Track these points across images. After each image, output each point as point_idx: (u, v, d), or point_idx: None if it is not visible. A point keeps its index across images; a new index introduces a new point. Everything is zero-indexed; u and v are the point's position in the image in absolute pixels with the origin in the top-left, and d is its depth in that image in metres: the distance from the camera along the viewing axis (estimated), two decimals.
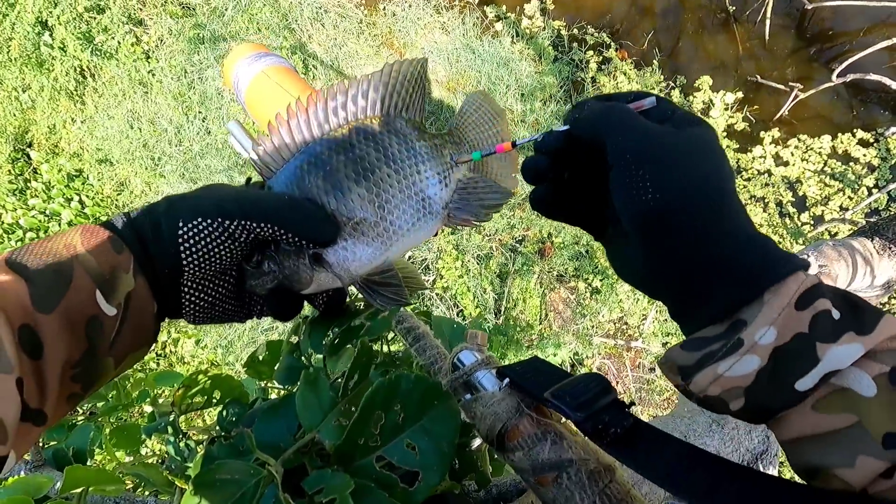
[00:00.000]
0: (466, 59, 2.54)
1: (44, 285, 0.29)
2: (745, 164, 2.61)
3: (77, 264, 0.30)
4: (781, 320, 0.26)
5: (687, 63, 2.74)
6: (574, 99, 2.59)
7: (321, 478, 0.27)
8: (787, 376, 0.26)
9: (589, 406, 0.31)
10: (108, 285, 0.31)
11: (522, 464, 0.32)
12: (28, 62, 2.47)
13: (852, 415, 0.24)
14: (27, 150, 2.52)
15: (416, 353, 0.42)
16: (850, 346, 0.25)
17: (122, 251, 0.33)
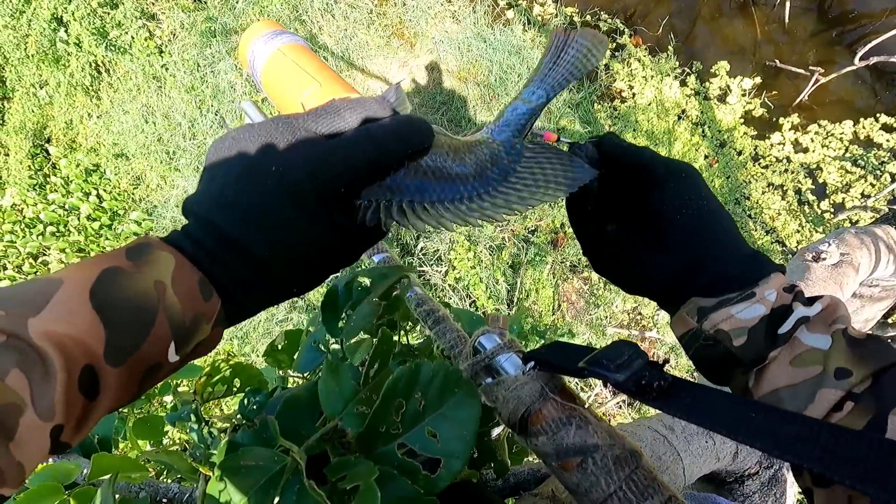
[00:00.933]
0: (478, 48, 2.51)
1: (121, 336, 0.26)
2: (763, 151, 2.55)
3: (161, 311, 0.27)
4: (779, 291, 0.34)
5: (703, 48, 2.68)
6: (587, 88, 2.56)
7: (344, 465, 0.27)
8: (775, 324, 0.34)
9: (627, 367, 0.32)
10: (184, 336, 0.28)
11: (546, 448, 0.32)
12: (45, 58, 2.50)
13: (818, 366, 0.32)
14: (46, 146, 2.56)
15: (436, 336, 0.42)
16: (814, 306, 0.34)
17: (211, 297, 0.29)
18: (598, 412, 1.80)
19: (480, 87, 2.51)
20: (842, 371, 0.31)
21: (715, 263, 0.36)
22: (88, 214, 2.43)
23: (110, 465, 0.36)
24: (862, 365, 0.31)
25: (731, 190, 2.52)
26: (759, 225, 2.49)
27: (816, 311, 0.34)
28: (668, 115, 2.56)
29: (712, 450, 0.63)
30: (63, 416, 0.24)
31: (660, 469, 0.54)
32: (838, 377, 0.31)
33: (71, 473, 0.39)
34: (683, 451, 0.59)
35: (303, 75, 0.83)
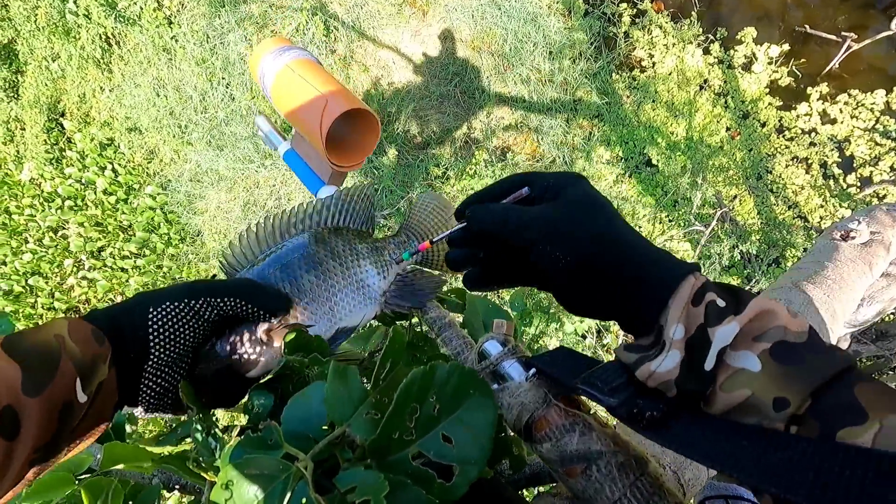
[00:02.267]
0: (492, 15, 2.43)
1: (34, 370, 0.30)
2: (788, 122, 2.46)
3: (64, 353, 0.32)
4: (685, 317, 0.32)
5: (728, 14, 2.56)
6: (605, 56, 2.47)
7: (353, 476, 0.27)
8: (698, 361, 0.31)
9: (621, 390, 0.31)
10: (87, 374, 0.33)
11: (550, 455, 0.32)
12: (55, 30, 2.49)
13: (746, 389, 0.30)
14: (60, 120, 2.57)
15: (441, 343, 0.42)
16: (730, 326, 0.31)
17: (103, 343, 0.35)
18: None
19: (494, 56, 2.43)
20: (779, 401, 0.29)
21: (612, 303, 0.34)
22: (105, 188, 2.45)
23: (122, 454, 0.37)
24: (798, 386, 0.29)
25: (753, 164, 2.44)
26: (781, 200, 2.42)
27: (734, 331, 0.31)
28: (689, 84, 2.47)
29: None
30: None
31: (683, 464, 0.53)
32: (777, 408, 0.29)
33: (82, 464, 0.41)
34: None
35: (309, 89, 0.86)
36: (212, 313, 0.40)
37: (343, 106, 0.83)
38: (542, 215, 0.36)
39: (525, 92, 2.43)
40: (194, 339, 0.40)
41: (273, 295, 0.44)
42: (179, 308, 0.38)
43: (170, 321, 0.38)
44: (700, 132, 2.44)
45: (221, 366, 0.41)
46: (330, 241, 0.50)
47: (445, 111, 2.44)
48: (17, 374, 0.30)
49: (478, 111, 2.43)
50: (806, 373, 0.29)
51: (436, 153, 2.41)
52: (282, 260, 0.47)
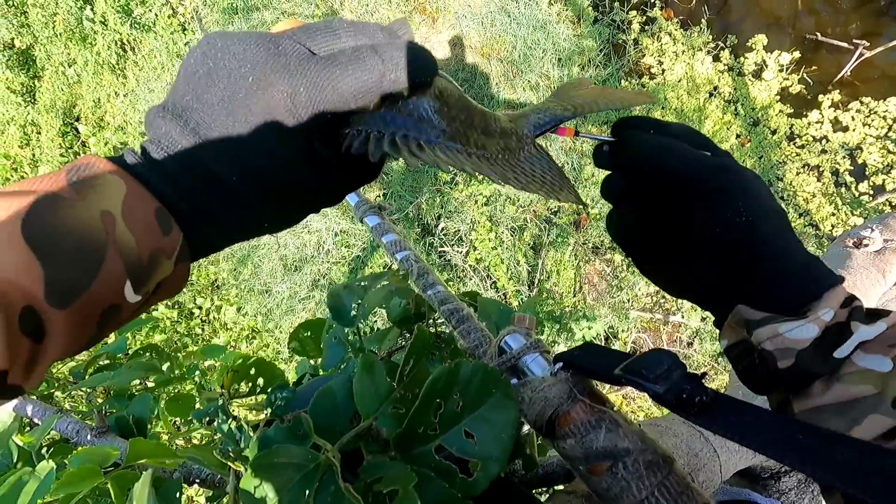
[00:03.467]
0: (501, 22, 2.44)
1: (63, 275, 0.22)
2: (799, 130, 2.45)
3: (111, 247, 0.23)
4: (836, 309, 0.31)
5: (738, 21, 2.56)
6: (614, 63, 2.47)
7: (380, 466, 0.27)
8: (830, 346, 0.31)
9: (666, 378, 0.31)
10: (141, 275, 0.24)
11: (574, 451, 0.32)
12: (72, 37, 2.53)
13: (873, 387, 0.29)
14: (75, 124, 2.61)
15: (459, 335, 0.42)
16: (877, 325, 0.31)
17: (171, 231, 0.25)
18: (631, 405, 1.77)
19: (504, 63, 2.45)
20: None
21: (765, 275, 0.32)
22: None
23: (145, 450, 0.38)
24: None
25: (763, 171, 2.43)
26: (791, 207, 2.41)
27: (879, 330, 0.30)
28: (698, 91, 2.47)
29: None
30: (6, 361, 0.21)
31: (696, 466, 0.53)
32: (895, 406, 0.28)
33: (109, 457, 0.41)
34: (720, 447, 0.58)
35: None
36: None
37: None
38: (723, 164, 0.34)
39: (534, 98, 2.43)
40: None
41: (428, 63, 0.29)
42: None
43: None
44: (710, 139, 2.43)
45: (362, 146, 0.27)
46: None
47: None
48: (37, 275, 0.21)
49: None
50: None
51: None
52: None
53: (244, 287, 2.40)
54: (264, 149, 0.25)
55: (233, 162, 0.25)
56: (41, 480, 0.38)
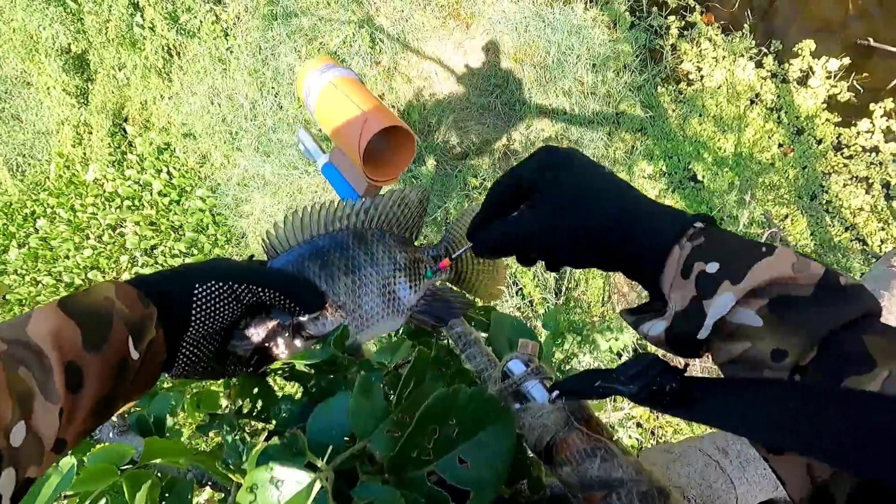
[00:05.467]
0: (535, 27, 2.43)
1: (91, 329, 0.33)
2: (847, 139, 2.33)
3: (115, 313, 0.34)
4: (677, 292, 0.34)
5: (784, 26, 2.46)
6: (650, 68, 2.42)
7: (371, 490, 0.28)
8: (689, 331, 0.33)
9: (640, 377, 0.32)
10: (137, 333, 0.35)
11: (570, 479, 0.31)
12: (123, 42, 2.66)
13: (747, 342, 0.31)
14: (124, 125, 2.74)
15: (466, 359, 0.42)
16: (725, 297, 0.32)
17: (149, 306, 0.37)
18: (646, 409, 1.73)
19: (537, 68, 2.43)
20: (777, 353, 0.30)
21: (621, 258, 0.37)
22: (160, 190, 2.59)
23: (161, 449, 0.40)
24: (799, 338, 0.29)
25: (806, 182, 2.33)
26: (837, 221, 2.29)
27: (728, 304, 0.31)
28: (739, 99, 2.38)
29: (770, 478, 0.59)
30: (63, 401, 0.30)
31: (710, 498, 0.51)
32: (775, 359, 0.30)
33: (125, 455, 0.43)
34: (738, 479, 0.55)
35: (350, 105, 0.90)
36: (251, 299, 0.41)
37: (382, 123, 0.86)
38: (537, 226, 0.39)
39: (567, 104, 2.41)
40: (231, 317, 0.41)
41: (312, 293, 0.45)
42: (223, 289, 0.40)
43: (212, 300, 0.40)
44: (750, 148, 2.35)
45: (251, 347, 0.43)
46: (371, 245, 0.49)
47: (485, 122, 2.45)
48: (77, 333, 0.32)
49: (518, 123, 2.43)
50: (807, 325, 0.29)
51: (474, 164, 2.42)
52: (322, 255, 0.47)
53: None
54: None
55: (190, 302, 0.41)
56: (63, 475, 0.40)
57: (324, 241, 0.48)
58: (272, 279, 0.42)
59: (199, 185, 2.63)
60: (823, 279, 0.31)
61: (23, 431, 0.28)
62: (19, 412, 0.28)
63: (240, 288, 0.40)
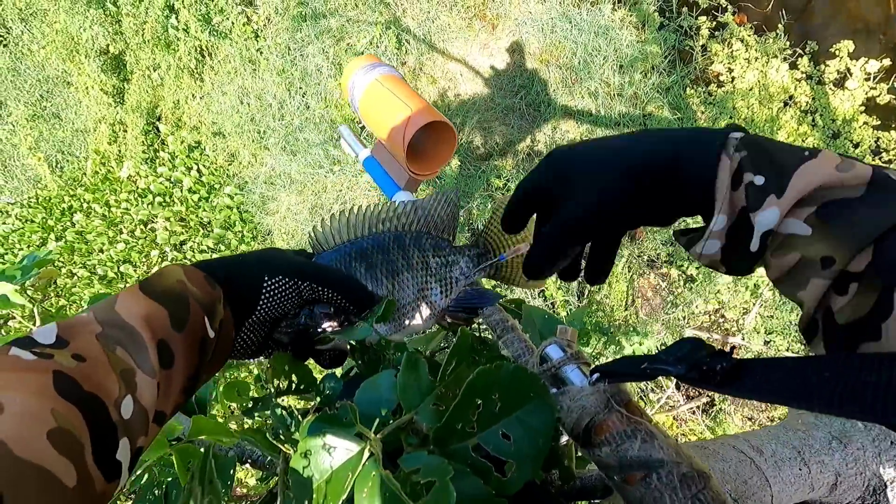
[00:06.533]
0: (562, 28, 2.42)
1: (174, 310, 0.35)
2: (886, 143, 2.25)
3: (189, 295, 0.37)
4: (727, 205, 0.34)
5: (821, 26, 2.40)
6: (679, 69, 2.38)
7: (418, 459, 0.28)
8: (741, 244, 0.34)
9: (688, 359, 0.32)
10: (210, 313, 0.37)
11: (609, 460, 0.31)
12: (158, 43, 2.75)
13: (797, 253, 0.32)
14: (157, 124, 2.82)
15: (503, 345, 0.42)
16: (771, 211, 0.32)
17: (216, 288, 0.39)
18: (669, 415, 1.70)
19: (563, 69, 2.42)
20: (826, 259, 0.30)
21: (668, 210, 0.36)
22: (189, 187, 2.66)
23: (206, 427, 0.41)
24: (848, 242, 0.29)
25: None
26: None
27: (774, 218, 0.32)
28: (772, 101, 2.33)
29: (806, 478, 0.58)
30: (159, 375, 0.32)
31: (744, 494, 0.50)
32: (824, 266, 0.30)
33: (174, 430, 0.45)
34: (773, 478, 0.54)
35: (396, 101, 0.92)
36: (311, 295, 0.44)
37: (426, 118, 0.88)
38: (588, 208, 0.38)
39: (592, 106, 2.39)
40: (291, 309, 0.44)
41: (365, 294, 0.47)
42: (289, 284, 0.42)
43: (278, 292, 0.42)
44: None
45: (302, 335, 0.46)
46: (409, 250, 0.52)
47: (510, 123, 2.44)
48: (164, 313, 0.34)
49: (542, 124, 2.42)
50: (858, 227, 0.29)
51: (498, 164, 2.42)
52: (367, 257, 0.50)
53: None
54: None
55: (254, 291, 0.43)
56: None
57: (368, 242, 0.51)
58: (333, 279, 0.45)
59: (228, 183, 2.69)
60: (873, 178, 0.30)
61: (131, 405, 0.30)
62: (125, 388, 0.30)
63: (304, 284, 0.43)
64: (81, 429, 0.27)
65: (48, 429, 0.25)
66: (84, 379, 0.28)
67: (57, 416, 0.26)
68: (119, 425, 0.29)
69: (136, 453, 0.30)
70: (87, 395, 0.28)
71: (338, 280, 0.45)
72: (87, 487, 0.26)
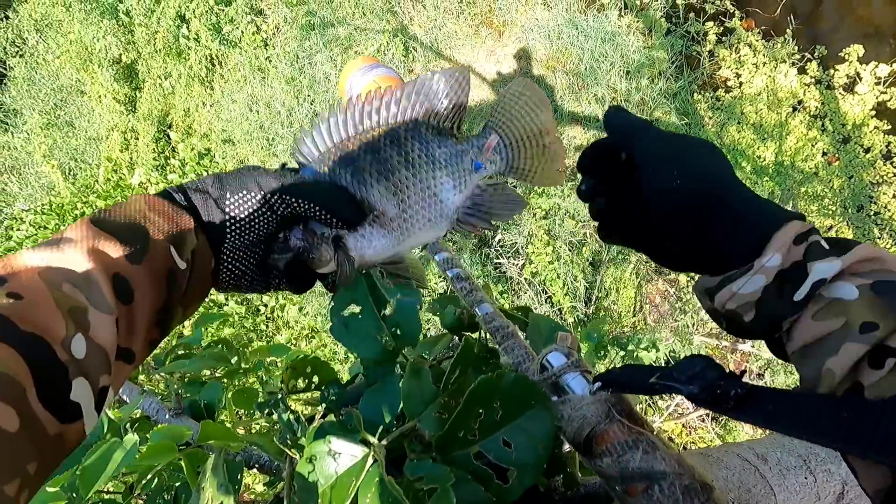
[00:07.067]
0: (568, 35, 2.43)
1: (130, 241, 0.33)
2: None
3: (150, 225, 0.35)
4: (784, 250, 0.33)
5: (829, 30, 2.38)
6: (686, 75, 2.38)
7: (422, 467, 0.29)
8: (787, 291, 0.33)
9: (700, 378, 0.32)
10: (178, 243, 0.35)
11: (610, 471, 0.31)
12: (169, 52, 2.79)
13: (842, 318, 0.31)
14: (168, 131, 2.87)
15: (503, 352, 0.43)
16: (831, 263, 0.32)
17: (183, 215, 0.37)
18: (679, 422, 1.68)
19: (569, 75, 2.42)
20: (868, 325, 0.29)
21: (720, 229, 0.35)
22: None
23: (215, 433, 0.42)
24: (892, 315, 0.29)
25: (853, 192, 2.24)
26: (886, 234, 2.19)
27: (834, 269, 0.31)
28: (780, 105, 2.32)
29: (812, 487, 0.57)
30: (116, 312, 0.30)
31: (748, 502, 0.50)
32: (863, 331, 0.29)
33: (183, 435, 0.46)
34: (777, 486, 0.54)
35: None
36: (286, 210, 0.40)
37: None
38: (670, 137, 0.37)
39: (599, 111, 2.39)
40: (267, 229, 0.40)
41: (347, 205, 0.42)
42: (256, 200, 0.39)
43: (245, 211, 0.39)
44: (792, 156, 2.28)
45: (292, 259, 0.41)
46: (405, 143, 0.44)
47: None
48: (116, 246, 0.32)
49: None
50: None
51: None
52: (354, 162, 0.43)
53: None
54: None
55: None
56: (127, 451, 0.43)
57: (354, 144, 0.43)
58: (305, 191, 0.40)
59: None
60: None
61: (83, 343, 0.28)
62: (74, 326, 0.28)
63: (273, 199, 0.39)
64: (20, 370, 0.25)
65: None
66: (20, 318, 0.27)
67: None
68: (70, 365, 0.27)
69: (101, 393, 0.29)
70: (24, 334, 0.26)
71: (311, 191, 0.40)
72: (34, 430, 0.25)
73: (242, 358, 0.62)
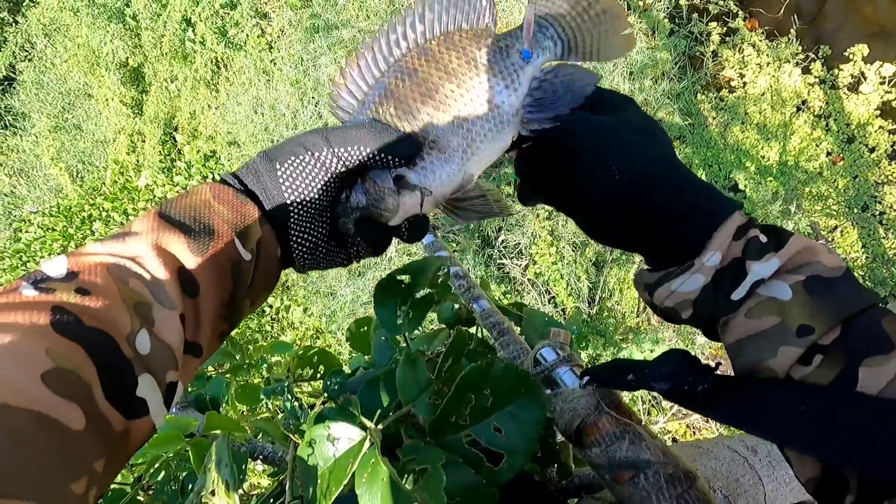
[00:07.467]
0: None
1: (195, 233, 0.32)
2: None
3: (215, 216, 0.34)
4: (724, 248, 0.33)
5: (834, 31, 2.38)
6: (690, 75, 2.38)
7: (415, 449, 0.30)
8: (724, 289, 0.33)
9: (672, 377, 0.32)
10: (242, 233, 0.34)
11: (599, 460, 0.33)
12: (175, 55, 2.82)
13: (776, 317, 0.31)
14: (174, 134, 2.90)
15: (499, 347, 0.44)
16: (770, 262, 0.32)
17: (247, 203, 0.36)
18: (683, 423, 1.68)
19: None
20: (804, 328, 0.30)
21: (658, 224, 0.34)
22: None
23: (219, 423, 0.43)
24: (826, 316, 0.30)
25: (858, 192, 2.23)
26: (892, 233, 2.18)
27: (773, 268, 0.32)
28: (784, 106, 2.32)
29: None
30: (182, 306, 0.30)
31: (736, 492, 0.51)
32: (800, 334, 0.30)
33: (190, 425, 0.47)
34: (766, 477, 0.55)
35: None
36: (339, 164, 0.37)
37: None
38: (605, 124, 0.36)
39: None
40: (328, 191, 0.38)
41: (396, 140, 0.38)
42: (305, 161, 0.36)
43: (299, 175, 0.36)
44: (796, 156, 2.28)
45: (359, 216, 0.38)
46: (443, 56, 0.40)
47: None
48: (181, 239, 0.31)
49: None
50: (835, 305, 0.30)
51: (508, 172, 2.43)
52: (393, 93, 0.39)
53: (311, 289, 2.54)
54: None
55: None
56: None
57: (389, 77, 0.40)
58: (350, 136, 0.37)
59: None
60: (847, 270, 0.33)
61: (147, 339, 0.28)
62: (139, 322, 0.28)
63: (321, 155, 0.36)
64: (86, 367, 0.25)
65: (42, 371, 0.23)
66: (85, 314, 0.26)
67: (53, 356, 0.24)
68: (135, 361, 0.27)
69: (169, 388, 0.29)
70: (89, 330, 0.26)
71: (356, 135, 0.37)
72: (100, 427, 0.25)
73: (246, 355, 0.63)
